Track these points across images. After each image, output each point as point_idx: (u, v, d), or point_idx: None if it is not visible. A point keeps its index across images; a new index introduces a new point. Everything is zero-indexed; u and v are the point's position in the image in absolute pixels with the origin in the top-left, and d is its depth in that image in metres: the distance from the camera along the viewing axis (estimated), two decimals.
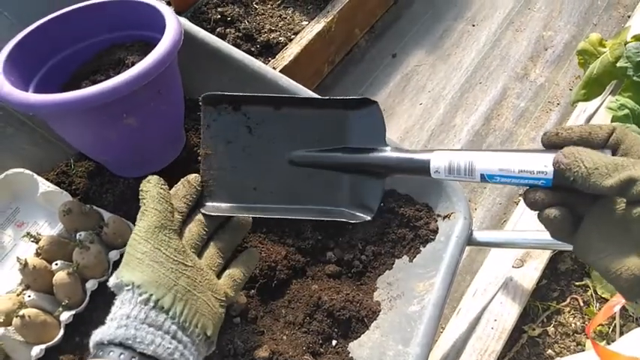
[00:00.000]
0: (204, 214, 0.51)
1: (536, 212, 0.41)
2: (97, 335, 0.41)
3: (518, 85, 1.52)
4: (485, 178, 0.43)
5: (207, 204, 0.52)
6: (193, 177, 0.53)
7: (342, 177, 0.52)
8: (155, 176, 0.48)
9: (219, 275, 0.51)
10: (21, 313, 0.57)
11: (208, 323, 0.44)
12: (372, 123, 0.52)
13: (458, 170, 0.44)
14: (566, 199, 0.39)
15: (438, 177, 0.46)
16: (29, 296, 0.60)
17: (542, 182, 0.40)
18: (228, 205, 0.52)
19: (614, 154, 0.38)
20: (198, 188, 0.52)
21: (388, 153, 0.50)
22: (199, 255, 0.49)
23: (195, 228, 0.49)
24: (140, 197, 0.47)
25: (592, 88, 1.11)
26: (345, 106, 0.53)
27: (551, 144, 0.40)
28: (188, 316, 0.42)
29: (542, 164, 0.40)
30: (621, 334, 1.02)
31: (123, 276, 0.42)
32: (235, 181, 0.53)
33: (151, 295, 0.41)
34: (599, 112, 1.22)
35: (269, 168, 0.53)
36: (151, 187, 0.47)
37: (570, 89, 1.50)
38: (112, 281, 0.43)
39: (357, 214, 0.51)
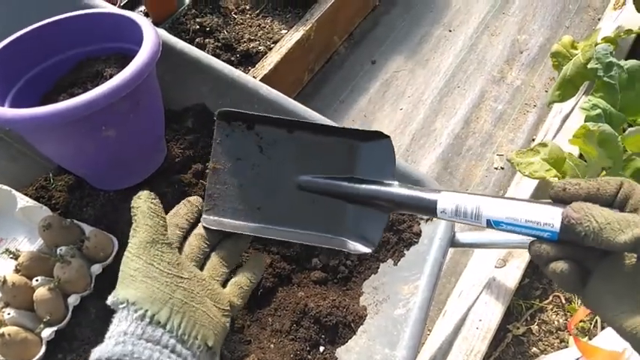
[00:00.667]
0: (205, 228, 0.51)
1: (542, 265, 0.40)
2: (96, 353, 0.41)
3: (496, 88, 1.55)
4: (491, 224, 0.43)
5: (209, 217, 0.51)
6: (194, 198, 0.53)
7: (346, 207, 0.52)
8: (146, 191, 0.48)
9: (225, 284, 0.51)
10: (1, 331, 0.56)
11: (209, 334, 0.44)
12: (382, 156, 0.52)
13: (464, 214, 0.44)
14: (572, 253, 0.39)
15: (443, 217, 0.46)
16: (9, 314, 0.59)
17: (548, 235, 0.40)
18: (230, 221, 0.52)
19: (622, 208, 0.38)
20: (200, 208, 0.53)
21: (395, 188, 0.50)
22: (202, 266, 0.50)
23: (195, 241, 0.50)
24: (132, 214, 0.47)
25: (566, 89, 1.14)
26: (357, 137, 0.53)
27: (559, 199, 0.40)
28: (187, 328, 0.42)
29: (550, 216, 0.39)
30: (602, 328, 1.04)
31: (118, 294, 0.42)
32: (240, 198, 0.53)
33: (146, 310, 0.41)
34: (573, 113, 1.25)
35: (275, 189, 0.53)
36: (142, 202, 0.47)
37: (546, 91, 1.53)
38: (109, 299, 0.43)
39: (358, 245, 0.51)
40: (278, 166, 0.54)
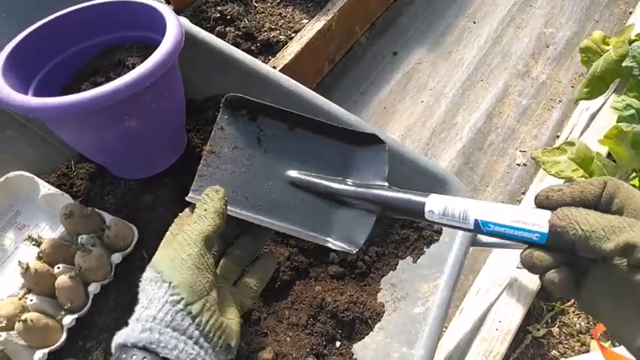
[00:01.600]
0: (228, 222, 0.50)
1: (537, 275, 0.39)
2: (121, 337, 0.41)
3: (520, 83, 1.51)
4: (479, 226, 0.42)
5: (195, 196, 0.52)
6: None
7: (334, 207, 0.53)
8: (222, 190, 0.48)
9: (236, 282, 0.51)
10: (23, 317, 0.57)
11: (231, 335, 0.44)
12: (375, 160, 0.53)
13: (452, 215, 0.43)
14: (565, 258, 0.38)
15: (431, 218, 0.45)
16: (31, 300, 0.60)
17: (537, 236, 0.38)
18: None
19: (607, 209, 0.37)
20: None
21: (385, 191, 0.50)
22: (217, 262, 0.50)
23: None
24: (202, 202, 0.47)
25: (595, 86, 1.10)
26: (354, 140, 0.54)
27: (544, 207, 0.39)
28: (213, 326, 0.42)
29: (538, 218, 0.38)
30: None
31: (163, 270, 0.42)
32: (229, 184, 0.53)
33: (182, 298, 0.41)
34: (602, 111, 1.21)
35: (266, 182, 0.54)
36: (217, 199, 0.47)
37: (572, 86, 1.49)
38: (147, 274, 0.43)
39: (343, 245, 0.51)
40: (273, 159, 0.54)
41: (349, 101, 1.44)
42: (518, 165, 1.36)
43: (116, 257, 0.65)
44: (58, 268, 0.62)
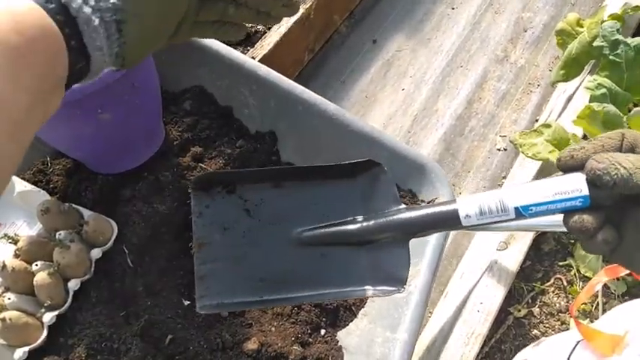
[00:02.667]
0: None
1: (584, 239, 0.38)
2: None
3: (499, 68, 1.52)
4: (520, 212, 0.39)
5: (205, 303, 0.45)
6: None
7: (360, 251, 0.47)
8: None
9: None
10: (2, 315, 0.56)
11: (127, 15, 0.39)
12: (380, 185, 0.48)
13: (490, 211, 0.40)
14: (608, 215, 0.37)
15: (470, 223, 0.41)
16: (9, 298, 0.59)
17: (580, 201, 0.37)
18: (232, 301, 0.45)
19: None
20: None
21: (408, 213, 0.45)
22: None
23: None
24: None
25: (571, 68, 1.12)
26: (349, 173, 0.49)
27: (569, 167, 0.39)
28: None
29: (575, 182, 0.37)
30: (604, 311, 1.04)
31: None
32: (238, 272, 0.46)
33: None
34: (578, 92, 1.23)
35: (276, 253, 0.47)
36: None
37: (550, 70, 1.51)
38: None
39: (386, 287, 0.46)
40: (272, 226, 0.48)
41: (330, 91, 1.44)
42: (499, 150, 1.38)
43: (96, 252, 0.65)
44: (37, 265, 0.61)
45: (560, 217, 0.40)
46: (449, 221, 0.42)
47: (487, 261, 0.99)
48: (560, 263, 1.17)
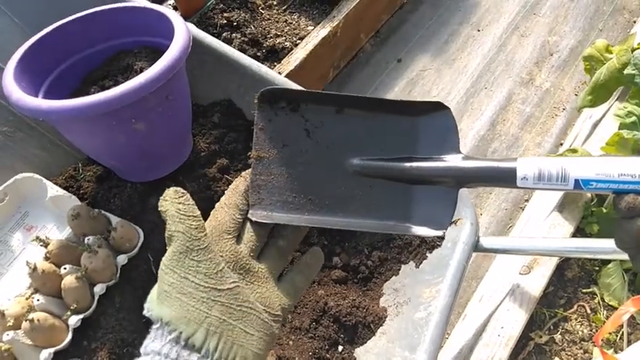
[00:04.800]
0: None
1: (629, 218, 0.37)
2: None
3: (524, 91, 1.52)
4: (579, 185, 0.39)
5: (257, 212, 0.47)
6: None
7: (409, 189, 0.47)
8: (171, 190, 0.42)
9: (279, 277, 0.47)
10: (30, 316, 0.58)
11: (248, 354, 0.40)
12: (443, 129, 0.47)
13: (549, 177, 0.40)
14: None
15: (525, 185, 0.41)
16: (38, 300, 0.60)
17: None
18: (281, 214, 0.47)
19: None
20: None
21: (464, 162, 0.45)
22: (259, 257, 0.46)
23: (253, 228, 0.45)
24: (163, 217, 0.42)
25: (598, 94, 1.11)
26: (413, 111, 0.48)
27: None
28: (224, 351, 0.39)
29: None
30: (629, 342, 1.01)
31: (152, 309, 0.39)
32: (290, 188, 0.48)
33: (181, 332, 0.38)
34: (605, 118, 1.21)
35: (328, 176, 0.48)
36: (168, 204, 0.41)
37: (576, 94, 1.50)
38: (145, 310, 0.40)
39: (427, 229, 0.46)
40: (329, 150, 0.48)
41: None
42: None
43: (122, 259, 0.66)
44: (65, 268, 0.63)
45: (592, 244, 0.39)
46: (504, 179, 0.42)
47: (509, 284, 0.98)
48: (584, 290, 1.15)
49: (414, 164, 0.47)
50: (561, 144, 1.40)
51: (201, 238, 0.41)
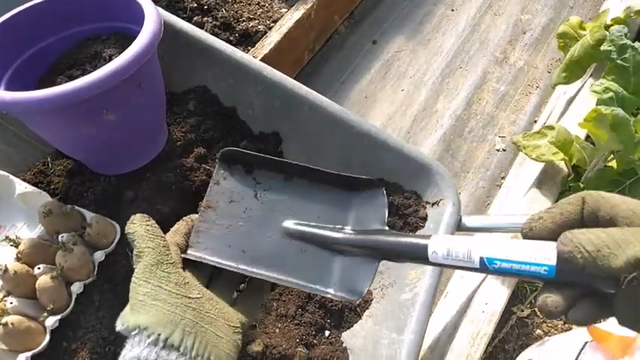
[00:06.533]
0: None
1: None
2: None
3: (498, 69, 1.53)
4: (484, 264, 0.40)
5: (193, 253, 0.51)
6: (194, 216, 0.54)
7: (334, 258, 0.52)
8: (138, 215, 0.47)
9: (233, 301, 0.51)
10: (3, 320, 0.55)
11: (221, 354, 0.44)
12: (374, 205, 0.53)
13: (456, 255, 0.42)
14: (583, 289, 0.36)
15: (435, 260, 0.44)
16: (11, 303, 0.58)
17: (545, 270, 0.37)
18: (213, 259, 0.51)
19: (595, 224, 0.36)
20: None
21: (385, 237, 0.49)
22: (209, 285, 0.50)
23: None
24: (130, 239, 0.46)
25: (573, 71, 1.12)
26: (353, 185, 0.54)
27: (531, 238, 0.39)
28: (199, 349, 0.42)
29: (545, 250, 0.37)
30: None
31: (127, 321, 0.41)
32: (226, 239, 0.53)
33: (159, 334, 0.40)
34: (579, 95, 1.23)
35: (264, 234, 0.53)
36: (137, 227, 0.46)
37: (549, 72, 1.51)
38: (118, 326, 0.42)
39: (344, 295, 0.51)
40: (270, 211, 0.54)
41: (330, 91, 1.43)
42: (498, 150, 1.38)
43: (99, 255, 0.64)
44: (39, 268, 0.60)
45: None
46: (417, 254, 0.45)
47: None
48: None
49: (342, 235, 0.52)
50: (535, 121, 1.41)
51: (169, 254, 0.45)
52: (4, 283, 0.59)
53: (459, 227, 0.78)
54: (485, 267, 0.40)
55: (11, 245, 0.62)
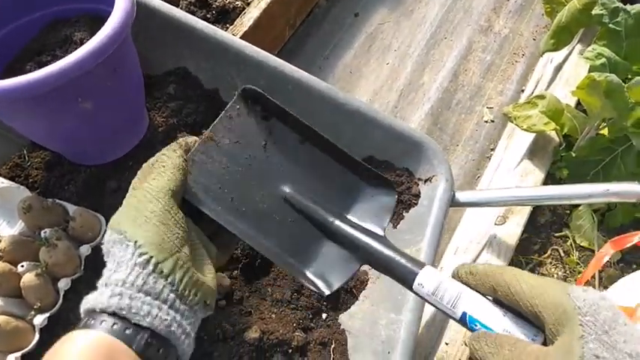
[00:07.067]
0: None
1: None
2: (89, 302, 0.39)
3: (483, 38, 1.50)
4: (465, 319, 0.39)
5: (190, 188, 0.47)
6: (191, 139, 0.50)
7: (322, 240, 0.50)
8: (180, 149, 0.46)
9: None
10: None
11: (208, 292, 0.42)
12: (380, 206, 0.50)
13: (442, 298, 0.41)
14: None
15: (418, 291, 0.42)
16: None
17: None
18: (199, 195, 0.47)
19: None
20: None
21: (381, 245, 0.47)
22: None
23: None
24: (159, 160, 0.45)
25: (560, 37, 1.10)
26: (365, 175, 0.51)
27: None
28: (188, 284, 0.40)
29: (527, 330, 0.37)
30: (600, 279, 1.05)
31: (126, 230, 0.39)
32: (219, 179, 0.49)
33: (151, 257, 0.38)
34: (568, 62, 1.21)
35: (258, 189, 0.50)
36: (175, 156, 0.45)
37: (534, 39, 1.49)
38: (110, 235, 0.40)
39: (316, 283, 0.48)
40: (273, 168, 0.50)
41: (314, 67, 1.40)
42: (486, 122, 1.37)
43: (85, 249, 0.62)
44: (22, 266, 0.58)
45: None
46: (403, 278, 0.44)
47: (485, 236, 0.99)
48: (556, 234, 1.18)
49: (338, 222, 0.49)
50: (522, 90, 1.40)
51: (181, 195, 0.44)
52: None
53: (453, 203, 0.77)
54: (465, 323, 0.40)
55: None
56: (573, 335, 0.33)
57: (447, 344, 0.88)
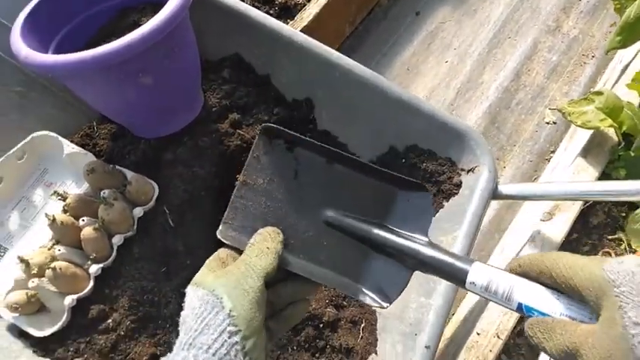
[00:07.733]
0: None
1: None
2: None
3: (550, 39, 1.45)
4: (522, 309, 0.39)
5: (226, 231, 0.48)
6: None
7: (370, 255, 0.49)
8: (281, 234, 0.47)
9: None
10: (52, 265, 0.60)
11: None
12: (419, 210, 0.50)
13: (495, 292, 0.41)
14: None
15: (471, 289, 0.42)
16: (59, 250, 0.63)
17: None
18: (245, 239, 0.48)
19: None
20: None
21: (426, 248, 0.46)
22: None
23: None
24: (262, 239, 0.46)
25: (629, 34, 1.04)
26: (396, 183, 0.51)
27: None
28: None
29: (582, 312, 0.37)
30: None
31: (222, 296, 0.40)
32: (262, 219, 0.49)
33: (240, 330, 0.38)
34: (635, 60, 1.14)
35: (300, 218, 0.50)
36: (277, 241, 0.46)
37: (606, 40, 1.42)
38: (202, 293, 0.41)
39: (375, 298, 0.48)
40: (309, 195, 0.51)
41: (371, 63, 1.41)
42: (548, 123, 1.31)
43: (138, 211, 0.68)
44: (83, 220, 0.65)
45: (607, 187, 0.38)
46: (455, 277, 0.44)
47: (530, 232, 0.95)
48: (610, 237, 1.11)
49: (382, 233, 0.49)
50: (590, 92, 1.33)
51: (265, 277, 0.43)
52: (52, 232, 0.65)
53: (495, 195, 0.76)
54: (522, 312, 0.40)
55: (59, 199, 0.66)
56: (613, 307, 0.32)
57: (478, 334, 0.86)
